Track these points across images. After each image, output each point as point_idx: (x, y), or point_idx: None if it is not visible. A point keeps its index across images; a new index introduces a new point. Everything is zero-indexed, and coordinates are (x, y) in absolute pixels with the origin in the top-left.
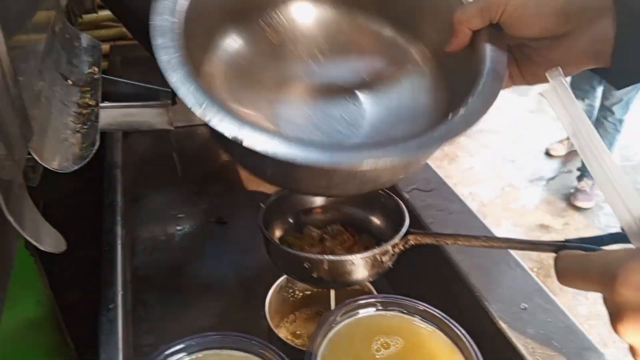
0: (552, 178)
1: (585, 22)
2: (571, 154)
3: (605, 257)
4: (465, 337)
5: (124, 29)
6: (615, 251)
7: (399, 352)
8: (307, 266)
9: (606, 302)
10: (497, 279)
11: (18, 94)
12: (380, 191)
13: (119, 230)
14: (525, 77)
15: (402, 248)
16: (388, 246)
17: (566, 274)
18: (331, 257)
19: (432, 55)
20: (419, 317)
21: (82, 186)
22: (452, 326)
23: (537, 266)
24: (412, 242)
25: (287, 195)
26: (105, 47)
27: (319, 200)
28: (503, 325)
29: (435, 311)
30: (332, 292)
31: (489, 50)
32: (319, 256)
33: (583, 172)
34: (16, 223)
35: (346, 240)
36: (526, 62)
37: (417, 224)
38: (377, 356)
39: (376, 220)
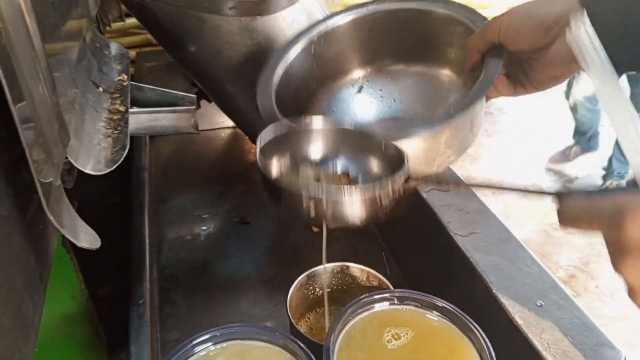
0: (577, 177)
1: (563, 29)
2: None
3: (614, 199)
4: (476, 329)
5: (149, 36)
6: (625, 195)
7: (410, 343)
8: (303, 195)
9: (609, 243)
10: (514, 276)
11: (56, 101)
12: (381, 140)
13: (146, 229)
14: (534, 85)
15: (401, 190)
16: (388, 182)
17: (571, 216)
18: (327, 187)
19: (455, 73)
20: (432, 311)
21: (111, 188)
22: (464, 318)
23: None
24: (412, 184)
25: (284, 136)
26: (132, 53)
27: (317, 143)
28: (519, 321)
29: (448, 305)
30: (324, 250)
31: (489, 63)
32: (317, 184)
33: (608, 172)
34: (56, 221)
35: (343, 183)
36: (532, 71)
37: (436, 223)
38: (389, 347)
39: (375, 168)
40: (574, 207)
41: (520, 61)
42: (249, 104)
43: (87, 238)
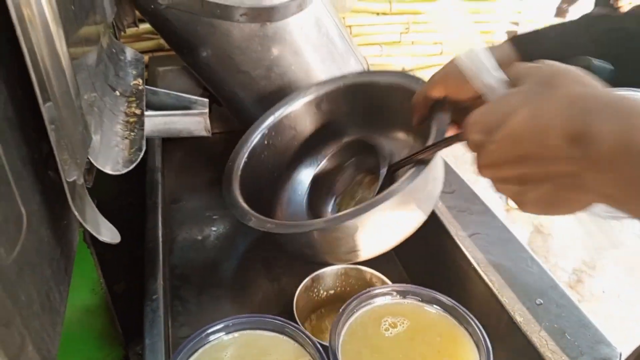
0: None
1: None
2: None
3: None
4: (473, 321)
5: (162, 41)
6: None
7: (406, 331)
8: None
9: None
10: (514, 275)
11: (79, 104)
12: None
13: (160, 228)
14: None
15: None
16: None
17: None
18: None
19: (408, 131)
20: (431, 305)
21: (126, 189)
22: (462, 311)
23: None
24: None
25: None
26: (145, 57)
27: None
28: (519, 319)
29: (446, 298)
30: None
31: (437, 116)
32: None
33: None
34: (80, 217)
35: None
36: None
37: (438, 224)
38: (386, 335)
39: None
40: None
41: (467, 108)
42: (258, 107)
43: (108, 233)
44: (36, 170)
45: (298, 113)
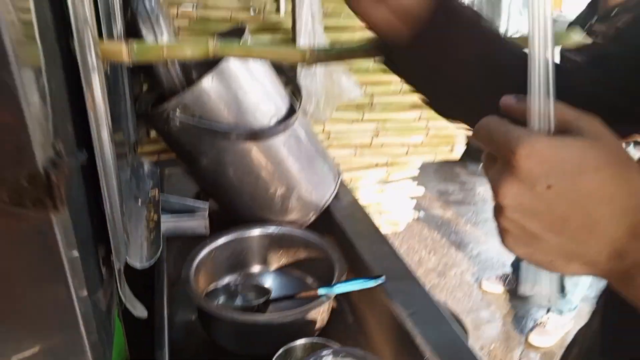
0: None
1: None
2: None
3: (513, 130)
4: None
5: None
6: (521, 129)
7: None
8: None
9: (490, 168)
10: (445, 347)
11: (125, 220)
12: None
13: (165, 309)
14: None
15: None
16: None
17: (478, 131)
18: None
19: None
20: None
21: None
22: None
23: None
24: None
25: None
26: (155, 157)
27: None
28: None
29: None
30: None
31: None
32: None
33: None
34: (124, 298)
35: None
36: None
37: (385, 304)
38: None
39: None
40: (486, 123)
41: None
42: (245, 208)
43: (140, 310)
44: (99, 267)
45: (255, 238)
